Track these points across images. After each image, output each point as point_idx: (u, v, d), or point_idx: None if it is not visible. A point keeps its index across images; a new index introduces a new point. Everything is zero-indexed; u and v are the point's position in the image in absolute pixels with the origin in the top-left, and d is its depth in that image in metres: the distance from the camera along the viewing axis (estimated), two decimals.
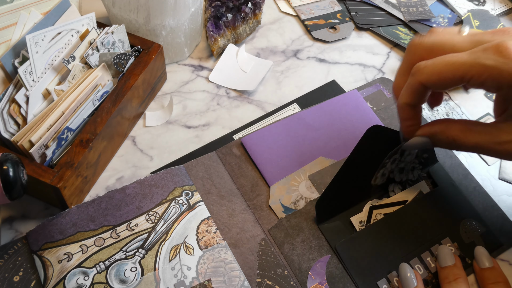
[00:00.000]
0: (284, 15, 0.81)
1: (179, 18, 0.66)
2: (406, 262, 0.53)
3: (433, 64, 0.48)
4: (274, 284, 0.52)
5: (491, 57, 0.45)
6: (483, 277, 0.53)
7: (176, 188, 0.57)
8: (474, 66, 0.45)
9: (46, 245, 0.52)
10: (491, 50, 0.45)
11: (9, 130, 0.54)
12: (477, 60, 0.45)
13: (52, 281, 0.50)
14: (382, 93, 0.69)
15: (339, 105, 0.66)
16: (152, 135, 0.64)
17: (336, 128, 0.64)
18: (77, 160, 0.54)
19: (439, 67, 0.47)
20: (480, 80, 0.45)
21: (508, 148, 0.47)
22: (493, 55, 0.45)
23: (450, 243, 0.56)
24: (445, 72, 0.47)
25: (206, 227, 0.54)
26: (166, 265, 0.51)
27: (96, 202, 0.55)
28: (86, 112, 0.58)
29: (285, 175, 0.59)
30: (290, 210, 0.57)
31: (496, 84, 0.45)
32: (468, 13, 0.81)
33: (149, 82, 0.64)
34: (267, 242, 0.55)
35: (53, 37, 0.57)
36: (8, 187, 0.46)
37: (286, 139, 0.62)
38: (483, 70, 0.45)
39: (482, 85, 0.46)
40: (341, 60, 0.75)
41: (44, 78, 0.56)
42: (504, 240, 0.56)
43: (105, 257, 0.52)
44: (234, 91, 0.70)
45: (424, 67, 0.48)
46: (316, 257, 0.54)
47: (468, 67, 0.46)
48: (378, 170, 0.56)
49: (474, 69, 0.45)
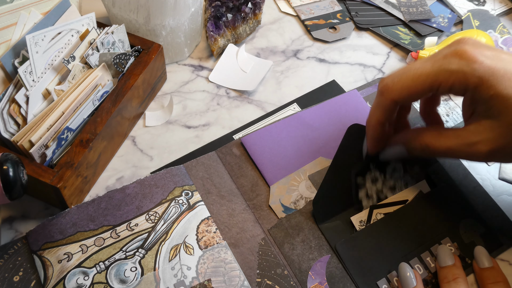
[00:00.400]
0: (284, 15, 0.81)
1: (179, 18, 0.66)
2: (406, 262, 0.53)
3: (400, 80, 0.50)
4: (274, 284, 0.52)
5: (453, 62, 0.47)
6: (482, 277, 0.53)
7: (176, 188, 0.57)
8: (440, 73, 0.48)
9: (46, 245, 0.52)
10: (451, 56, 0.48)
11: (9, 130, 0.54)
12: (442, 67, 0.48)
13: (52, 281, 0.50)
14: None
15: (339, 105, 0.66)
16: (152, 135, 0.64)
17: (336, 128, 0.64)
18: (77, 160, 0.54)
19: (408, 82, 0.50)
20: (448, 85, 0.48)
21: (477, 149, 0.49)
22: (454, 59, 0.48)
23: (450, 243, 0.56)
24: (414, 85, 0.49)
25: (206, 227, 0.54)
26: (166, 265, 0.51)
27: (96, 202, 0.55)
28: (86, 112, 0.58)
29: (285, 175, 0.59)
30: (290, 210, 0.57)
31: (463, 86, 0.47)
32: (468, 13, 0.81)
33: (149, 82, 0.64)
34: (267, 242, 0.55)
35: (53, 37, 0.57)
36: (8, 187, 0.46)
37: (286, 139, 0.62)
38: (448, 75, 0.47)
39: (451, 90, 0.48)
40: (341, 60, 0.75)
41: (44, 78, 0.56)
42: (504, 240, 0.56)
43: (105, 257, 0.52)
44: (234, 91, 0.70)
45: (392, 84, 0.50)
46: (316, 257, 0.54)
47: (434, 76, 0.48)
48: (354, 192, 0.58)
49: (441, 76, 0.48)
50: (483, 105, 0.48)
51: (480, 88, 0.47)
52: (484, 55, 0.47)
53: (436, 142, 0.51)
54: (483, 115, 0.48)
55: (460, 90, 0.48)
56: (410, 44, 0.76)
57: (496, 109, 0.47)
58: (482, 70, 0.47)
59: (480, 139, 0.48)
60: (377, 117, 0.53)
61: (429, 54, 0.70)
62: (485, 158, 0.49)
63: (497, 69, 0.46)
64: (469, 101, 0.50)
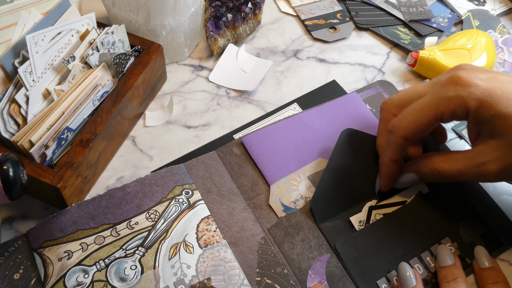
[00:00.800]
0: (284, 15, 0.81)
1: (179, 18, 0.66)
2: (406, 262, 0.53)
3: (405, 117, 0.52)
4: (274, 283, 0.52)
5: (450, 89, 0.50)
6: (482, 277, 0.53)
7: (176, 186, 0.57)
8: (440, 102, 0.50)
9: (47, 243, 0.52)
10: (447, 84, 0.50)
11: (9, 130, 0.54)
12: (440, 96, 0.50)
13: (52, 279, 0.50)
14: (382, 96, 0.69)
15: (339, 107, 0.66)
16: (152, 135, 0.65)
17: (335, 130, 0.64)
18: (77, 160, 0.54)
19: (412, 117, 0.52)
20: (450, 112, 0.50)
21: (486, 169, 0.50)
22: (450, 86, 0.50)
23: (450, 243, 0.55)
24: (419, 119, 0.51)
25: (206, 226, 0.54)
26: (166, 264, 0.51)
27: (97, 201, 0.55)
28: (86, 112, 0.58)
29: (285, 174, 0.59)
30: (290, 209, 0.57)
31: (464, 110, 0.49)
32: (468, 13, 0.81)
33: (149, 82, 0.64)
34: (267, 241, 0.55)
35: (53, 37, 0.57)
36: (8, 187, 0.46)
37: (286, 139, 0.62)
38: (448, 102, 0.49)
39: (453, 116, 0.50)
40: (341, 60, 0.75)
41: (44, 78, 0.56)
42: (504, 240, 0.56)
43: (105, 255, 0.52)
44: (234, 91, 0.70)
45: (399, 122, 0.53)
46: (316, 256, 0.54)
47: (435, 106, 0.50)
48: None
49: (441, 105, 0.50)
50: (486, 125, 0.49)
51: (481, 110, 0.49)
52: (479, 78, 0.50)
53: (446, 166, 0.52)
54: (488, 135, 0.50)
55: (462, 115, 0.50)
56: (410, 44, 0.76)
57: (498, 128, 0.48)
58: (479, 92, 0.49)
59: (488, 159, 0.50)
60: (389, 156, 0.55)
61: (429, 54, 0.70)
62: (496, 177, 0.50)
63: (493, 90, 0.48)
64: (473, 124, 0.52)
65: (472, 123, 0.51)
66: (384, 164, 0.56)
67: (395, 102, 0.56)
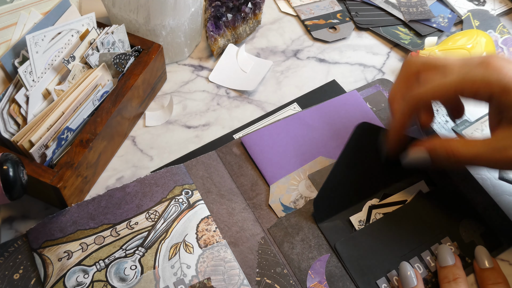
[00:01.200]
0: (284, 15, 0.81)
1: (179, 18, 0.66)
2: (406, 261, 0.53)
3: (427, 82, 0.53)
4: (274, 283, 0.52)
5: (477, 70, 0.50)
6: (483, 277, 0.53)
7: (176, 186, 0.57)
8: (465, 80, 0.50)
9: (46, 243, 0.52)
10: (477, 64, 0.51)
11: (9, 130, 0.54)
12: (468, 75, 0.50)
13: (52, 279, 0.50)
14: (382, 94, 0.69)
15: (339, 106, 0.66)
16: (152, 135, 0.65)
17: (336, 128, 0.64)
18: (77, 160, 0.54)
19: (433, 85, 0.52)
20: (473, 90, 0.50)
21: (507, 154, 0.49)
22: (480, 68, 0.50)
23: (450, 242, 0.55)
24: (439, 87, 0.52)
25: (206, 226, 0.54)
26: (166, 264, 0.51)
27: (96, 201, 0.55)
28: (86, 112, 0.58)
29: (285, 174, 0.59)
30: (289, 209, 0.57)
31: (487, 93, 0.49)
32: (468, 13, 0.81)
33: (149, 82, 0.64)
34: (267, 241, 0.55)
35: (53, 37, 0.57)
36: (8, 187, 0.46)
37: (285, 138, 0.62)
38: (472, 83, 0.50)
39: (475, 95, 0.50)
40: (341, 60, 0.75)
41: (44, 78, 0.56)
42: (504, 240, 0.56)
43: (105, 255, 0.52)
44: (234, 91, 0.70)
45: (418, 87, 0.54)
46: (316, 256, 0.54)
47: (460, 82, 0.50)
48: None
49: (465, 83, 0.50)
50: (510, 112, 0.49)
51: (505, 95, 0.48)
52: (508, 67, 0.49)
53: (463, 148, 0.51)
54: (510, 122, 0.49)
55: (484, 96, 0.50)
56: (410, 44, 0.76)
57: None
58: (507, 79, 0.48)
59: (510, 144, 0.49)
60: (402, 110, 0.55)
61: (429, 54, 0.70)
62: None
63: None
64: (495, 109, 0.52)
65: (494, 107, 0.52)
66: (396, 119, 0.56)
67: (419, 61, 0.56)
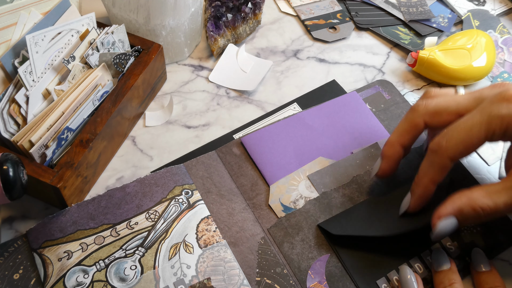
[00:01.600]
0: (284, 15, 0.81)
1: (179, 18, 0.66)
2: (406, 261, 0.53)
3: (453, 137, 0.48)
4: (274, 283, 0.52)
5: (502, 107, 0.46)
6: (480, 281, 0.52)
7: (176, 187, 0.57)
8: (492, 120, 0.46)
9: (46, 243, 0.52)
10: (498, 101, 0.47)
11: (9, 130, 0.54)
12: (492, 114, 0.46)
13: (52, 279, 0.50)
14: (381, 95, 0.69)
15: (339, 106, 0.66)
16: (152, 135, 0.65)
17: (335, 128, 0.64)
18: (77, 160, 0.54)
19: (462, 136, 0.48)
20: (502, 130, 0.46)
21: None
22: (502, 104, 0.46)
23: (450, 242, 0.55)
24: (469, 138, 0.47)
25: (206, 226, 0.54)
26: (166, 264, 0.51)
27: (96, 201, 0.55)
28: (86, 112, 0.58)
29: (285, 174, 0.59)
30: (289, 209, 0.57)
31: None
32: (468, 13, 0.81)
33: (149, 82, 0.64)
34: (267, 241, 0.55)
35: (53, 37, 0.57)
36: (8, 187, 0.46)
37: (285, 139, 0.62)
38: (500, 120, 0.46)
39: (505, 135, 0.47)
40: (341, 60, 0.75)
41: (44, 78, 0.56)
42: (504, 239, 0.56)
43: (105, 255, 0.52)
44: (234, 91, 0.70)
45: (446, 142, 0.48)
46: (316, 256, 0.54)
47: (487, 124, 0.47)
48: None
49: (493, 123, 0.46)
50: None
51: None
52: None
53: (490, 202, 0.47)
54: None
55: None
56: (410, 44, 0.76)
57: None
58: None
59: None
60: (431, 177, 0.50)
61: (429, 54, 0.69)
62: None
63: None
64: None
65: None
66: (424, 185, 0.51)
67: (430, 109, 0.52)
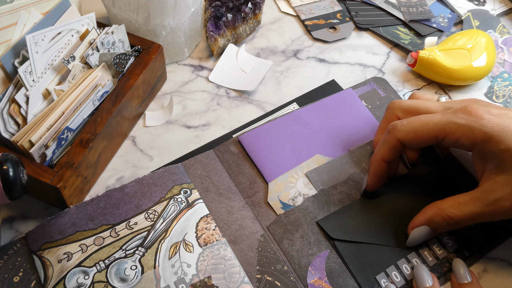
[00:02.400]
0: (284, 15, 0.81)
1: (179, 18, 0.66)
2: (405, 257, 0.54)
3: (409, 123, 0.53)
4: (274, 279, 0.52)
5: (461, 117, 0.50)
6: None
7: (174, 186, 0.57)
8: (448, 124, 0.51)
9: (46, 245, 0.52)
10: (460, 111, 0.51)
11: (9, 130, 0.54)
12: (450, 119, 0.51)
13: (52, 281, 0.50)
14: (377, 92, 0.69)
15: (335, 104, 0.67)
16: (152, 135, 0.65)
17: (332, 126, 0.64)
18: (77, 160, 0.54)
19: (415, 126, 0.52)
20: (455, 138, 0.51)
21: (500, 206, 0.49)
22: (463, 115, 0.50)
23: (448, 237, 0.56)
24: (421, 130, 0.52)
25: (205, 225, 0.54)
26: (166, 263, 0.51)
27: (95, 202, 0.55)
28: (86, 112, 0.58)
29: (283, 172, 0.59)
30: (288, 206, 0.57)
31: (470, 140, 0.50)
32: (468, 13, 0.81)
33: (149, 82, 0.65)
34: (266, 238, 0.55)
35: (53, 37, 0.57)
36: (8, 187, 0.46)
37: (283, 137, 0.62)
38: (456, 128, 0.50)
39: (457, 142, 0.51)
40: (341, 60, 0.75)
41: (44, 78, 0.57)
42: (502, 233, 0.57)
43: (105, 256, 0.52)
44: (234, 91, 0.70)
45: (400, 125, 0.53)
46: (315, 252, 0.54)
47: (442, 126, 0.51)
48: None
49: (448, 128, 0.51)
50: (494, 160, 0.50)
51: (489, 143, 0.49)
52: (491, 113, 0.50)
53: (458, 211, 0.51)
54: (495, 171, 0.50)
55: (467, 144, 0.51)
56: (410, 44, 0.76)
57: (508, 163, 0.49)
58: (490, 126, 0.49)
59: (500, 195, 0.49)
60: (381, 154, 0.55)
61: (429, 54, 0.69)
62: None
63: (505, 125, 0.49)
64: (478, 157, 0.52)
65: (477, 156, 0.52)
66: (375, 161, 0.55)
67: (403, 106, 0.57)
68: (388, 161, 0.55)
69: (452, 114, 0.51)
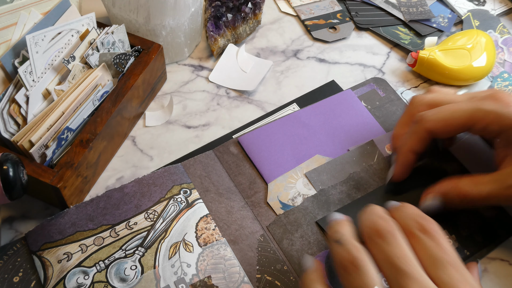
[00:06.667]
0: (284, 15, 0.81)
1: (179, 18, 0.66)
2: None
3: (438, 112, 0.53)
4: (274, 279, 0.52)
5: (489, 103, 0.51)
6: None
7: (174, 186, 0.57)
8: (476, 112, 0.51)
9: (46, 245, 0.52)
10: (487, 98, 0.51)
11: (9, 130, 0.54)
12: (478, 107, 0.51)
13: (52, 281, 0.50)
14: (376, 92, 0.69)
15: (334, 104, 0.67)
16: (152, 135, 0.65)
17: (331, 126, 0.64)
18: (77, 160, 0.54)
19: (444, 115, 0.52)
20: (483, 124, 0.50)
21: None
22: (490, 102, 0.51)
23: (448, 235, 0.55)
24: (450, 118, 0.52)
25: (205, 224, 0.54)
26: (166, 263, 0.51)
27: (95, 202, 0.55)
28: (86, 112, 0.58)
29: (282, 172, 0.60)
30: (288, 206, 0.57)
31: (498, 127, 0.50)
32: (468, 13, 0.81)
33: (149, 82, 0.65)
34: (266, 238, 0.55)
35: (53, 37, 0.57)
36: (8, 187, 0.46)
37: (282, 138, 0.63)
38: (484, 114, 0.50)
39: (485, 129, 0.51)
40: (341, 60, 0.75)
41: (44, 78, 0.57)
42: (502, 233, 0.57)
43: (105, 256, 0.52)
44: (234, 91, 0.70)
45: (429, 115, 0.53)
46: (315, 252, 0.54)
47: (471, 113, 0.51)
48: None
49: (476, 115, 0.51)
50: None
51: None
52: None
53: (474, 189, 0.51)
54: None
55: (494, 131, 0.50)
56: (410, 44, 0.76)
57: None
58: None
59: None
60: (411, 145, 0.55)
61: (429, 54, 0.69)
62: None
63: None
64: (503, 143, 0.52)
65: (503, 142, 0.52)
66: (403, 153, 0.55)
67: (425, 100, 0.56)
68: (417, 152, 0.55)
69: (480, 101, 0.51)
